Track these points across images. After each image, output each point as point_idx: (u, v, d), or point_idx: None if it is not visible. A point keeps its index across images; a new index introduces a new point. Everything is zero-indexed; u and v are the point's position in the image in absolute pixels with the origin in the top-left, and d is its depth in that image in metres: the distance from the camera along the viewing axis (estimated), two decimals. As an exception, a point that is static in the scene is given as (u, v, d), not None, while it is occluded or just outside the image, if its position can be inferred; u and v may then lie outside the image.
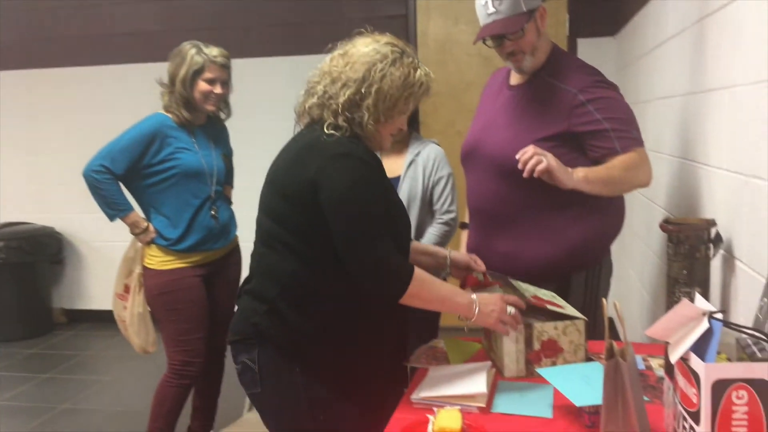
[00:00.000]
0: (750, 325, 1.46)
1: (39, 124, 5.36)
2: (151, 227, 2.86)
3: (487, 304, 1.76)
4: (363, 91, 1.69)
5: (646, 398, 1.54)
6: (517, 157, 1.92)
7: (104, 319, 5.35)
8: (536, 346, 1.77)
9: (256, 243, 1.84)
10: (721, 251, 1.90)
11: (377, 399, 1.85)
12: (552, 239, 2.08)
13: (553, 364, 1.77)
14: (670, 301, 1.91)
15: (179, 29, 5.02)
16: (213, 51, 2.82)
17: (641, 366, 1.81)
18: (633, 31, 3.74)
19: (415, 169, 2.84)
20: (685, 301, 1.18)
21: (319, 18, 4.83)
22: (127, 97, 5.17)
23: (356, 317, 1.76)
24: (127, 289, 2.94)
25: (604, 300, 1.46)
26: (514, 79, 2.32)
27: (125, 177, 2.83)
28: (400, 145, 2.87)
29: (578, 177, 1.97)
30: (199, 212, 2.86)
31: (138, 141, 2.78)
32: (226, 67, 2.85)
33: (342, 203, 1.66)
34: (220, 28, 4.92)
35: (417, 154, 2.88)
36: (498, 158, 2.17)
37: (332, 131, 1.71)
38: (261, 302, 1.77)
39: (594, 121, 2.05)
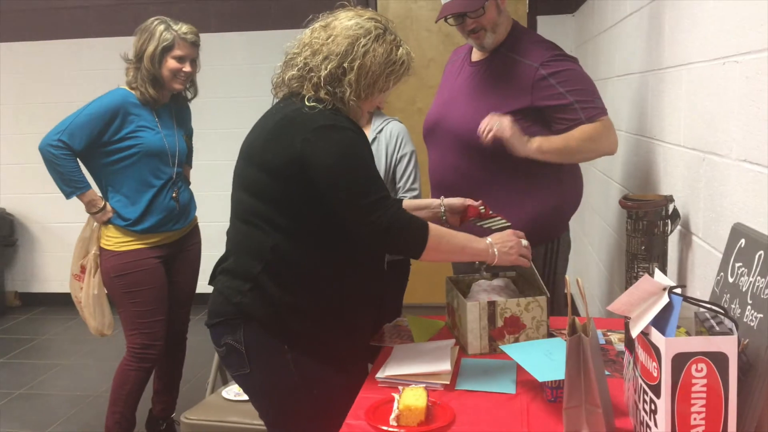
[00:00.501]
0: (707, 298, 1.49)
1: (-14, 101, 5.18)
2: (109, 206, 2.78)
3: (504, 243, 1.79)
4: (345, 65, 1.66)
5: (606, 372, 1.57)
6: (479, 130, 1.95)
7: (60, 302, 5.25)
8: (499, 323, 1.79)
9: (232, 219, 1.80)
10: (679, 227, 1.93)
11: (363, 367, 1.86)
12: (510, 213, 2.10)
13: (516, 340, 1.79)
14: (629, 277, 1.94)
15: (132, 3, 4.89)
16: (183, 28, 2.74)
17: (601, 341, 1.84)
18: (592, 8, 3.76)
19: (377, 146, 2.82)
20: (646, 276, 1.20)
21: (277, -7, 4.75)
22: (78, 73, 5.03)
23: (338, 289, 1.74)
24: (83, 269, 2.87)
25: (567, 277, 1.48)
26: (476, 55, 2.33)
27: (84, 153, 2.75)
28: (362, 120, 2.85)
29: (531, 147, 2.02)
30: (159, 193, 2.80)
31: (99, 116, 2.69)
32: (195, 45, 2.79)
33: (338, 173, 1.64)
34: (176, 2, 4.80)
35: (379, 131, 2.86)
36: (459, 133, 2.19)
37: (314, 103, 1.67)
38: (243, 281, 1.72)
39: (557, 94, 2.08)
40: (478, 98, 2.20)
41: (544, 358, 1.56)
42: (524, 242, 1.82)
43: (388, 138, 2.84)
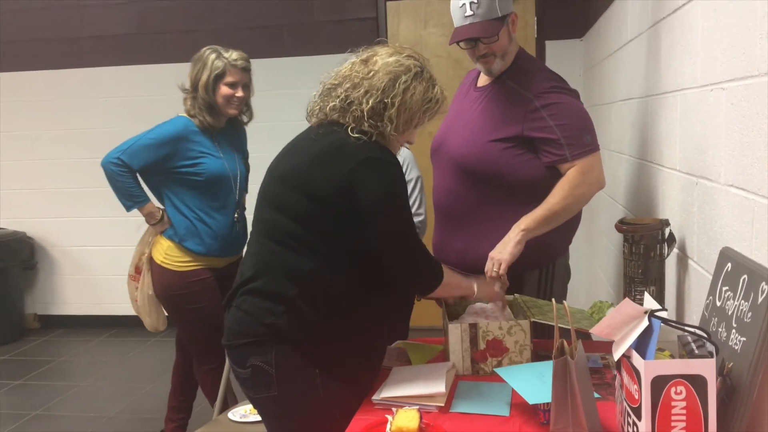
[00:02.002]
0: (698, 322, 1.51)
1: (7, 127, 5.32)
2: (166, 217, 2.90)
3: (483, 284, 1.98)
4: (387, 101, 1.72)
5: (597, 395, 1.59)
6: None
7: (78, 324, 5.35)
8: (481, 345, 1.81)
9: (260, 239, 1.81)
10: (676, 250, 1.95)
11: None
12: (503, 236, 2.12)
13: (499, 363, 1.81)
14: (628, 300, 1.96)
15: (148, 32, 5.02)
16: (233, 54, 2.85)
17: (598, 364, 1.85)
18: (597, 33, 3.80)
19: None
20: (626, 300, 1.23)
21: (289, 20, 4.85)
22: (96, 101, 5.16)
23: (368, 314, 1.78)
24: (138, 270, 3.00)
25: (553, 300, 1.50)
26: (481, 80, 2.37)
27: (143, 172, 2.88)
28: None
29: (519, 238, 2.06)
30: (220, 217, 2.89)
31: (159, 143, 2.81)
32: (246, 70, 2.89)
33: (385, 206, 1.70)
34: (190, 31, 4.92)
35: (385, 157, 2.90)
36: (455, 156, 2.23)
37: (359, 135, 1.72)
38: (276, 302, 1.72)
39: (546, 127, 2.11)
40: (475, 124, 2.24)
41: (537, 381, 1.58)
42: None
43: (394, 163, 2.88)
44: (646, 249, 1.92)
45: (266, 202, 1.82)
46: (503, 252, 2.05)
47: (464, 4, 2.13)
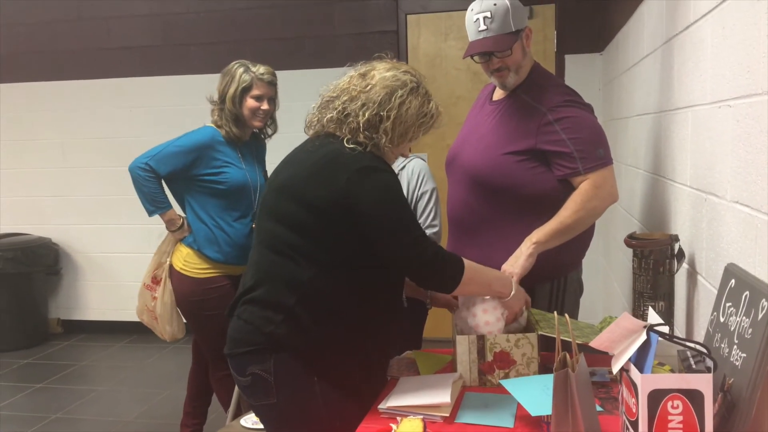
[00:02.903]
0: (702, 338, 1.51)
1: (35, 136, 5.44)
2: (186, 225, 2.97)
3: (520, 293, 1.94)
4: (383, 113, 1.76)
5: (600, 408, 1.59)
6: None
7: (100, 329, 5.44)
8: (489, 357, 1.83)
9: (260, 249, 1.85)
10: (685, 265, 1.95)
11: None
12: (514, 248, 2.13)
13: (506, 375, 1.83)
14: (637, 315, 1.96)
15: (174, 44, 5.12)
16: (260, 69, 2.93)
17: (605, 378, 1.85)
18: (616, 47, 3.81)
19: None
20: (625, 314, 1.24)
21: (311, 33, 4.92)
22: (123, 110, 5.27)
23: (367, 322, 1.81)
24: (155, 280, 3.05)
25: (555, 313, 1.51)
26: (496, 94, 2.40)
27: (168, 178, 2.95)
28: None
29: (531, 251, 2.06)
30: (240, 226, 2.95)
31: (186, 150, 2.88)
32: (272, 84, 2.96)
33: (385, 212, 1.73)
34: (215, 43, 5.01)
35: (401, 169, 2.93)
36: (469, 169, 2.25)
37: (353, 145, 1.77)
38: (275, 311, 1.76)
39: (559, 141, 2.12)
40: (488, 137, 2.26)
41: (541, 393, 1.59)
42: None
43: (410, 175, 2.91)
44: (655, 264, 1.92)
45: (265, 212, 1.86)
46: (515, 265, 2.07)
47: (478, 18, 2.16)
